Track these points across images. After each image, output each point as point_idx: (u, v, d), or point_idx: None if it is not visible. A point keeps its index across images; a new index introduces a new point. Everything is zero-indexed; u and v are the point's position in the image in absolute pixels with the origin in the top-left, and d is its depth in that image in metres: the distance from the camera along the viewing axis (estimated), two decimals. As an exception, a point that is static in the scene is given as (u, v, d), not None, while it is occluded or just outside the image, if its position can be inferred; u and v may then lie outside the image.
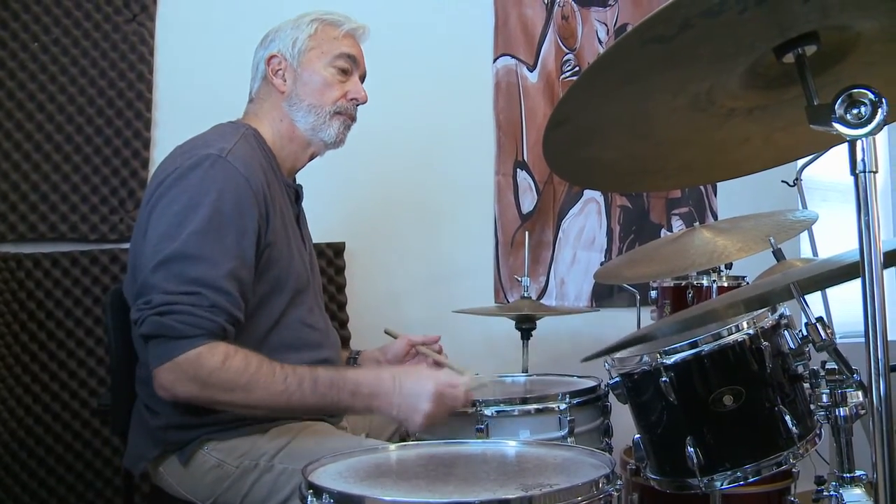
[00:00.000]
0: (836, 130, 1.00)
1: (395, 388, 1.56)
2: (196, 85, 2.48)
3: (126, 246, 2.33)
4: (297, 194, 1.88)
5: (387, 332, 2.04)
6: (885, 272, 1.01)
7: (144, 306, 1.49)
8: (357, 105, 1.84)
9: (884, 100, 0.97)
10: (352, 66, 1.84)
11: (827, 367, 1.43)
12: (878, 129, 0.98)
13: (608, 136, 1.28)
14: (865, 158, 0.98)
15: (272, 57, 1.81)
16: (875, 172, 0.99)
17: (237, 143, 1.65)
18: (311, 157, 1.86)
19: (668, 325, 1.74)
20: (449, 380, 1.59)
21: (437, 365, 1.98)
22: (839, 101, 0.99)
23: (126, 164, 2.36)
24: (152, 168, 2.37)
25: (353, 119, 1.85)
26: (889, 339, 0.99)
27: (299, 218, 1.87)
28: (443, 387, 1.57)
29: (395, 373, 1.60)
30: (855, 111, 0.98)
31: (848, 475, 1.39)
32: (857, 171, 0.99)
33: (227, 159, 1.60)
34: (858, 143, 0.99)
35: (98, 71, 2.33)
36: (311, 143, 1.82)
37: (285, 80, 1.80)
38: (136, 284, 1.55)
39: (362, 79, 1.88)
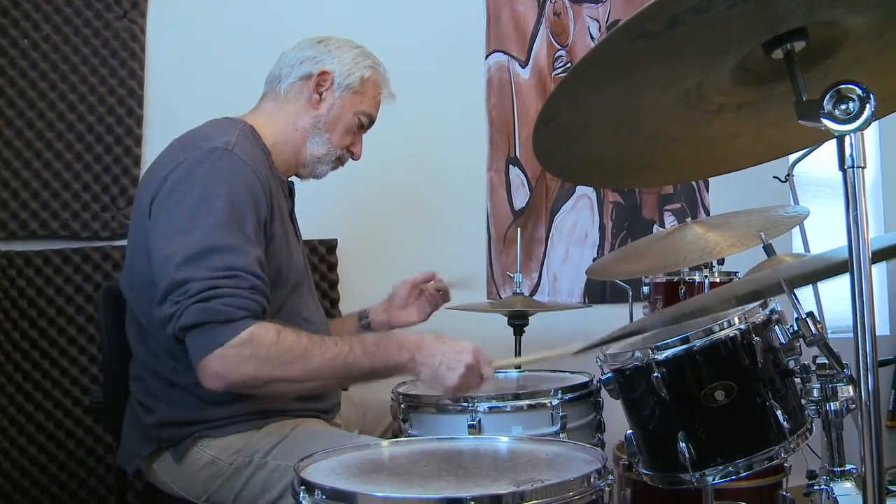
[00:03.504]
0: (825, 126, 1.00)
1: (438, 342, 1.60)
2: (188, 82, 2.47)
3: (118, 243, 2.33)
4: (290, 190, 1.89)
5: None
6: (874, 268, 1.01)
7: (181, 297, 1.45)
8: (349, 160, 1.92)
9: (871, 95, 0.98)
10: (366, 126, 1.90)
11: (818, 361, 1.44)
12: (867, 124, 0.98)
13: (598, 132, 1.28)
14: (854, 154, 0.99)
15: (325, 72, 1.81)
16: (863, 168, 0.99)
17: (238, 137, 1.66)
18: (293, 174, 1.88)
19: (658, 319, 1.74)
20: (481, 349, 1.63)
21: (441, 292, 2.13)
22: (827, 96, 0.99)
23: (118, 161, 2.35)
24: (144, 165, 2.36)
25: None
26: (878, 333, 0.99)
27: (292, 213, 1.88)
28: (478, 350, 1.61)
29: (438, 335, 1.64)
30: (843, 107, 0.99)
31: (838, 469, 1.40)
32: (846, 167, 0.99)
33: (234, 152, 1.61)
34: (847, 138, 0.99)
35: (89, 68, 2.32)
36: (306, 166, 1.86)
37: (321, 101, 1.82)
38: (162, 281, 1.49)
39: None
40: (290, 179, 1.89)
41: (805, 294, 2.97)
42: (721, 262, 2.51)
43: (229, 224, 1.52)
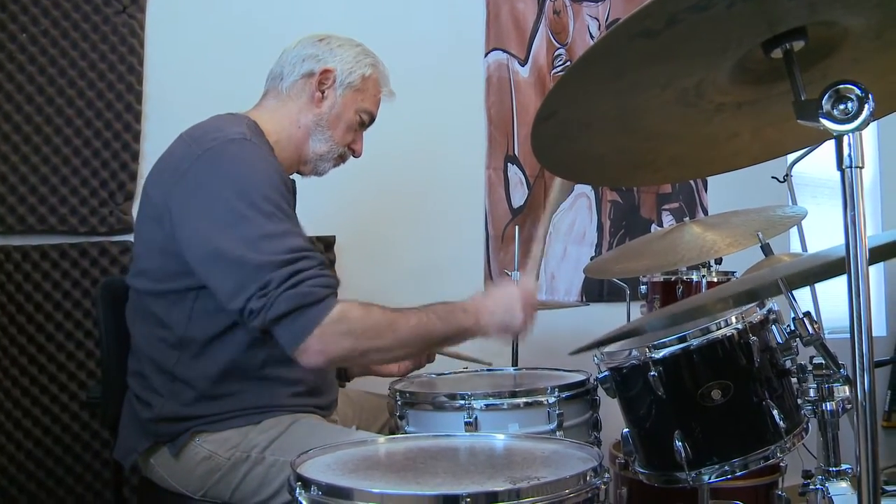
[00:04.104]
0: (823, 126, 1.00)
1: (490, 299, 1.69)
2: (187, 77, 2.47)
3: (116, 238, 2.33)
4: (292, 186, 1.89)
5: None
6: (872, 270, 1.01)
7: (265, 290, 1.47)
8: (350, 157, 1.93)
9: (870, 95, 0.97)
10: (367, 123, 1.91)
11: (814, 361, 1.44)
12: (865, 124, 0.98)
13: (597, 130, 1.28)
14: (852, 154, 0.99)
15: (327, 70, 1.82)
16: (861, 168, 0.99)
17: (246, 129, 1.67)
18: (294, 171, 1.89)
19: (656, 319, 1.74)
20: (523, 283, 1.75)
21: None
22: (826, 96, 0.99)
23: (116, 156, 2.35)
24: (142, 160, 2.36)
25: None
26: (874, 334, 0.99)
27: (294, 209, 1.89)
28: (520, 288, 1.71)
29: (481, 292, 1.74)
30: (842, 107, 0.99)
31: (834, 469, 1.40)
32: (844, 167, 0.99)
33: (252, 141, 1.62)
34: (845, 138, 0.99)
35: (88, 63, 2.32)
36: (308, 163, 1.87)
37: (324, 98, 1.82)
38: (225, 277, 1.51)
39: None
40: (290, 177, 1.89)
41: (802, 294, 2.97)
42: (719, 261, 2.51)
43: (274, 211, 1.55)
